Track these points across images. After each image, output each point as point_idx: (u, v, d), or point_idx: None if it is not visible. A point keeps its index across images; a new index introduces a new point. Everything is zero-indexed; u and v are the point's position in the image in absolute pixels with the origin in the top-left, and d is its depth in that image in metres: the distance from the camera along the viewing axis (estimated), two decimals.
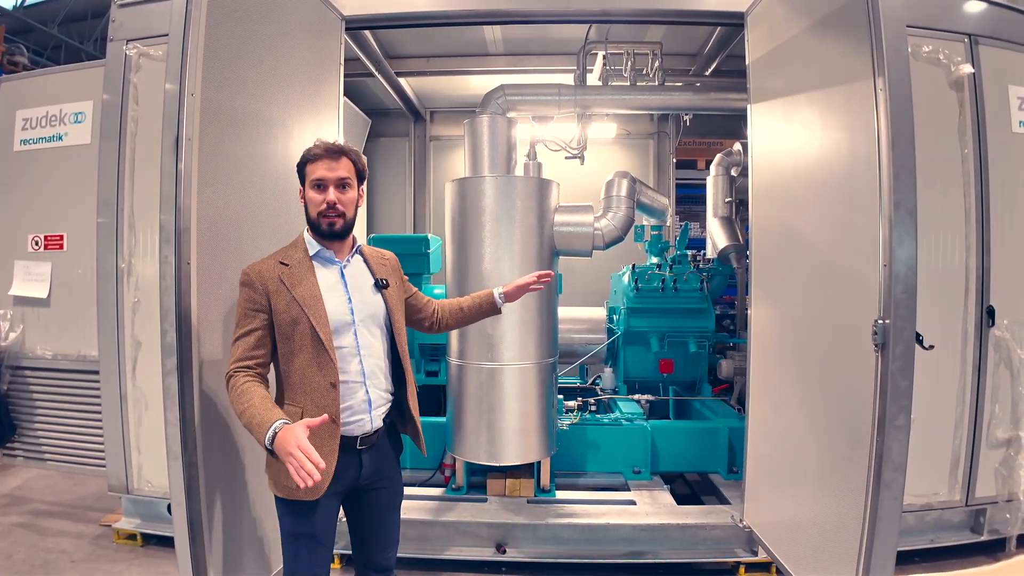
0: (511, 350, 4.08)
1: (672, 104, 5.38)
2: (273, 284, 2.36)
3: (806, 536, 3.29)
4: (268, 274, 2.38)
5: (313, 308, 2.36)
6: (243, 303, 2.38)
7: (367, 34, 5.51)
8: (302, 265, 2.42)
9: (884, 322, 2.59)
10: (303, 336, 2.35)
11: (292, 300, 2.35)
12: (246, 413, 2.19)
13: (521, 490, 4.47)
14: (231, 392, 2.28)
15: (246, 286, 2.38)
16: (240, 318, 2.38)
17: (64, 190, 4.48)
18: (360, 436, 2.45)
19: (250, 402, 2.20)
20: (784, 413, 3.58)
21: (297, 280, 2.38)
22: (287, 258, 2.43)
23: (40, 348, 4.58)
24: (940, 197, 3.85)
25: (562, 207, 4.28)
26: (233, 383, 2.29)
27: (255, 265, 2.42)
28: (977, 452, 3.98)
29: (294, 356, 2.37)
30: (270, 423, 2.11)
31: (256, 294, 2.35)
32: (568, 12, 4.35)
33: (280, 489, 2.39)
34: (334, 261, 2.49)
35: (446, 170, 8.87)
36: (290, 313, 2.35)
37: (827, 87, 3.13)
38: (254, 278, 2.37)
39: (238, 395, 2.24)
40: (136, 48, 4.14)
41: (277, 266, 2.40)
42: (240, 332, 2.36)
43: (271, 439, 2.07)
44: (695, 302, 5.49)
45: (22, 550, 4.33)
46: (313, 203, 2.42)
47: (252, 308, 2.36)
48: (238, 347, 2.35)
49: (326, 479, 2.33)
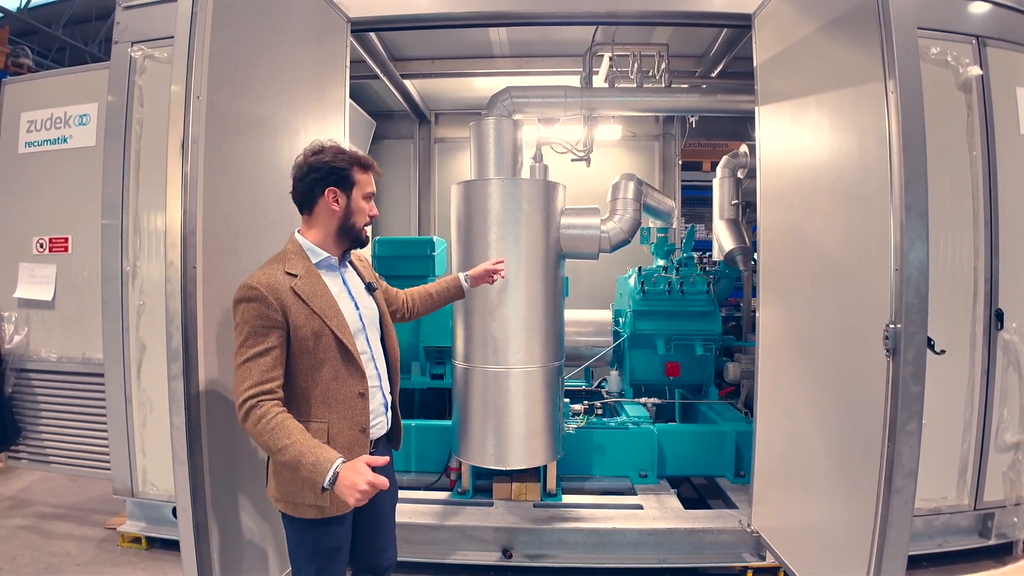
0: (517, 353, 4.06)
1: (679, 106, 5.36)
2: (288, 297, 2.24)
3: (815, 541, 3.27)
4: (280, 287, 2.24)
5: (334, 319, 2.31)
6: (253, 320, 2.20)
7: (372, 36, 5.51)
8: (311, 274, 2.35)
9: (896, 327, 2.57)
10: (327, 348, 2.29)
11: (311, 313, 2.27)
12: (290, 450, 2.09)
13: (527, 494, 4.45)
14: (260, 424, 2.13)
15: (256, 301, 2.20)
16: (248, 336, 2.20)
17: (69, 192, 4.48)
18: (374, 439, 2.46)
19: (291, 439, 2.11)
20: (793, 417, 3.56)
21: (312, 291, 2.30)
22: (292, 267, 2.32)
23: (45, 351, 4.58)
24: (948, 199, 3.83)
25: (568, 209, 4.26)
26: (261, 415, 2.14)
27: (261, 278, 2.24)
28: (986, 456, 3.95)
29: (316, 370, 2.29)
30: (329, 463, 2.08)
31: (270, 310, 2.20)
32: (574, 14, 4.34)
33: (311, 511, 2.32)
34: (335, 268, 2.47)
35: (451, 172, 8.85)
36: (311, 326, 2.26)
37: (836, 89, 3.12)
38: (265, 292, 2.20)
39: (273, 429, 2.11)
40: (141, 50, 4.14)
41: (286, 277, 2.28)
42: (252, 352, 2.19)
43: (332, 480, 2.06)
44: (702, 305, 5.47)
45: (26, 553, 4.32)
46: (362, 212, 2.42)
47: (265, 325, 2.20)
48: (252, 369, 2.18)
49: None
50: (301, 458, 2.09)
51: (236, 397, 2.18)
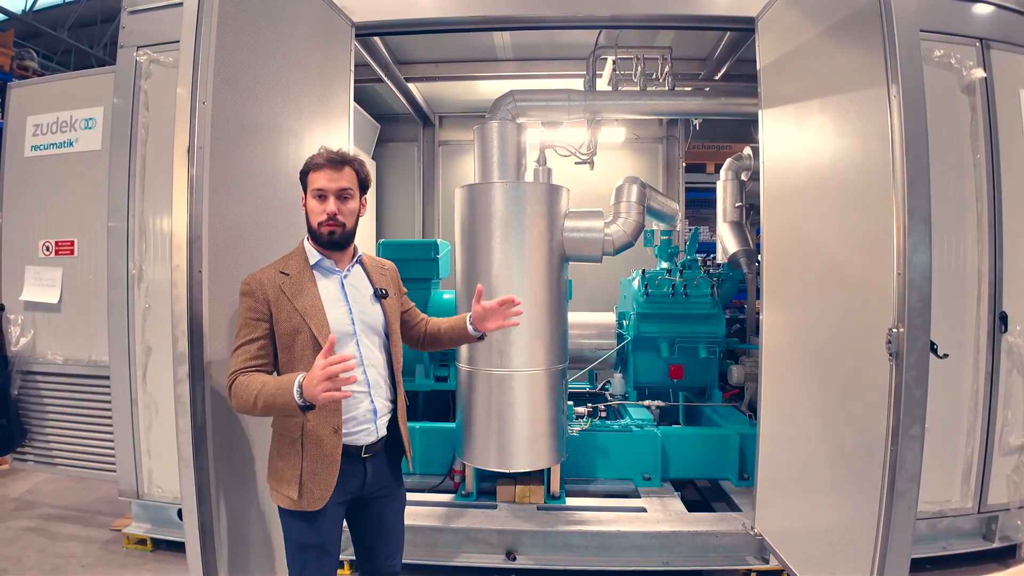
0: (521, 356, 4.07)
1: (682, 109, 5.36)
2: (273, 293, 2.36)
3: (818, 544, 3.27)
4: (268, 283, 2.38)
5: (315, 318, 2.35)
6: (244, 312, 2.38)
7: (377, 40, 5.52)
8: (303, 275, 2.42)
9: (898, 331, 2.57)
10: (304, 347, 2.35)
11: (293, 310, 2.35)
12: (260, 396, 2.18)
13: (531, 496, 4.45)
14: (236, 392, 2.27)
15: (246, 295, 2.38)
16: (241, 327, 2.37)
17: (75, 196, 4.50)
18: (365, 445, 2.46)
19: (258, 387, 2.20)
20: (797, 420, 3.56)
21: (298, 290, 2.38)
22: (287, 268, 2.43)
23: (51, 353, 4.60)
24: (952, 202, 3.83)
25: (572, 212, 4.27)
26: (236, 384, 2.28)
27: (255, 274, 2.42)
28: (990, 459, 3.95)
29: (294, 366, 2.35)
30: (290, 381, 2.13)
31: (257, 303, 2.36)
32: (578, 17, 4.34)
33: (284, 500, 2.39)
34: (334, 271, 2.49)
35: (455, 175, 8.86)
36: (291, 323, 2.35)
37: (840, 92, 3.12)
38: (254, 287, 2.37)
39: (245, 388, 2.23)
40: (147, 54, 4.17)
41: (277, 276, 2.40)
42: (241, 341, 2.35)
43: (299, 391, 2.09)
44: (705, 307, 5.47)
45: (32, 555, 4.34)
46: (313, 213, 2.43)
47: (253, 317, 2.36)
48: (239, 356, 2.34)
49: (331, 481, 2.36)
50: (270, 393, 2.17)
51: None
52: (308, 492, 2.35)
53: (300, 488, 2.34)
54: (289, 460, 2.38)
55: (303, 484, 2.35)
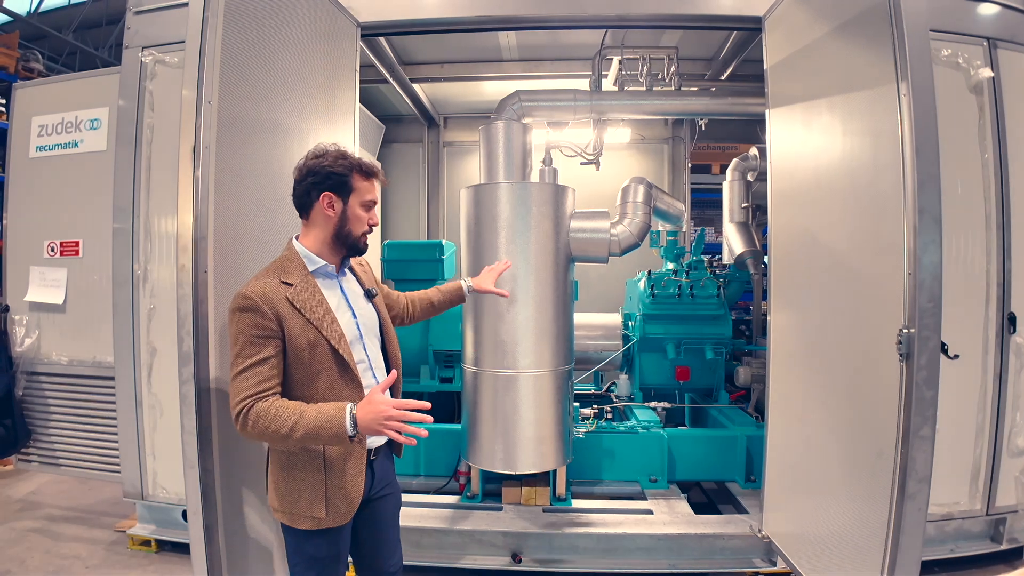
0: (526, 357, 4.05)
1: (689, 109, 5.35)
2: (284, 307, 2.20)
3: (827, 547, 3.25)
4: (275, 296, 2.20)
5: (330, 328, 2.27)
6: (247, 330, 2.15)
7: (382, 40, 5.52)
8: (307, 283, 2.30)
9: (909, 331, 2.55)
10: (323, 359, 2.25)
11: (307, 323, 2.22)
12: (299, 426, 2.04)
13: (537, 498, 4.44)
14: (260, 420, 2.07)
15: (251, 311, 2.16)
16: (244, 347, 2.15)
17: (80, 196, 4.50)
18: (371, 448, 2.44)
19: (297, 415, 2.06)
20: (805, 422, 3.54)
21: (308, 300, 2.26)
22: (288, 277, 2.28)
23: (56, 354, 4.60)
24: (961, 202, 3.81)
25: (578, 213, 4.26)
26: (257, 412, 2.08)
27: (255, 287, 2.19)
28: (998, 461, 3.93)
29: (312, 381, 2.25)
30: (340, 411, 2.05)
31: (265, 319, 2.16)
32: (584, 17, 4.33)
33: (307, 522, 2.29)
34: (332, 275, 2.43)
35: (460, 176, 8.86)
36: (306, 336, 2.22)
37: (849, 92, 3.10)
38: (260, 302, 2.16)
39: (274, 417, 2.06)
40: (152, 55, 4.17)
41: (281, 287, 2.24)
42: (248, 363, 2.14)
43: (354, 425, 2.03)
44: (712, 308, 5.45)
45: (36, 555, 4.34)
46: (359, 220, 2.36)
47: (261, 335, 2.16)
48: (247, 379, 2.12)
49: (358, 491, 2.33)
50: (314, 422, 2.05)
51: (232, 409, 2.13)
52: (335, 508, 2.28)
53: (327, 505, 2.26)
54: (308, 478, 2.28)
55: (328, 500, 2.27)
